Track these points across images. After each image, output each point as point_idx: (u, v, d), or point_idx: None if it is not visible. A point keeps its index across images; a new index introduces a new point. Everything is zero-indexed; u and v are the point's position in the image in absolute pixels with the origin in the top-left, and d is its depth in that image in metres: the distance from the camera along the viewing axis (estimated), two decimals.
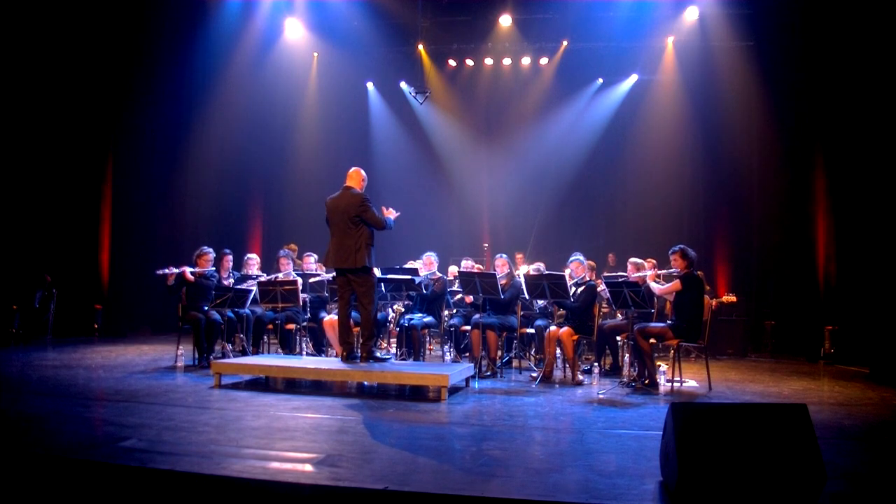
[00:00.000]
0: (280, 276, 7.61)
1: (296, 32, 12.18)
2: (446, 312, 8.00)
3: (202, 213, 11.59)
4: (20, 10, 9.33)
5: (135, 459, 3.33)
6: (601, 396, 5.79)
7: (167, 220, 11.15)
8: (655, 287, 6.43)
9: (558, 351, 6.89)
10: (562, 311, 7.17)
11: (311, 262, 8.11)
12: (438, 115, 13.00)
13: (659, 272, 6.72)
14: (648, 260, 7.92)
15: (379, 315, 7.54)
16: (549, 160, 12.39)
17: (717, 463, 2.93)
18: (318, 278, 7.67)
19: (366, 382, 6.05)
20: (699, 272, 6.46)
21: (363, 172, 6.35)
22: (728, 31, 11.03)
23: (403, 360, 7.02)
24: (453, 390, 5.70)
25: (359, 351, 6.15)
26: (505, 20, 11.82)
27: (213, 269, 7.40)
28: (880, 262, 8.23)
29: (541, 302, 7.19)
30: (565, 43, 11.96)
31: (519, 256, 10.62)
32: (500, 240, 12.09)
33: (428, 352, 8.36)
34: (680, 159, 11.87)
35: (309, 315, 7.70)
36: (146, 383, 5.83)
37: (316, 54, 12.68)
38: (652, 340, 6.19)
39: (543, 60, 12.33)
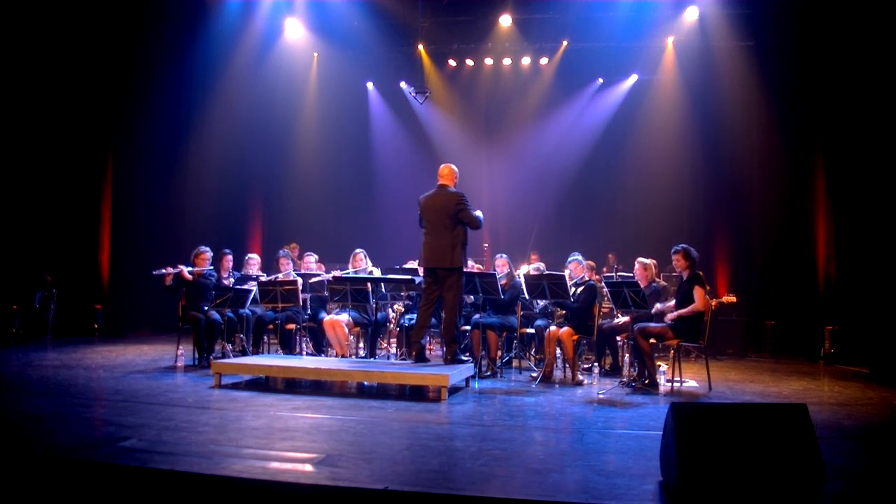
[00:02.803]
0: (280, 276, 7.61)
1: (296, 32, 12.17)
2: None
3: (202, 213, 11.56)
4: (21, 10, 9.33)
5: (135, 459, 3.33)
6: (601, 396, 5.79)
7: (167, 219, 11.14)
8: (679, 313, 6.16)
9: (558, 351, 6.89)
10: (562, 311, 7.17)
11: (312, 262, 8.10)
12: (438, 115, 12.99)
13: (668, 304, 6.56)
14: (651, 259, 7.90)
15: (379, 315, 7.56)
16: (549, 160, 12.39)
17: (717, 463, 2.93)
18: (318, 278, 7.66)
19: (366, 382, 6.05)
20: (699, 272, 6.45)
21: (455, 168, 6.26)
22: (728, 31, 11.03)
23: (403, 359, 7.01)
24: (453, 390, 5.70)
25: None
26: (505, 20, 11.81)
27: (211, 267, 7.41)
28: (880, 262, 8.22)
29: (541, 302, 7.19)
30: (565, 43, 11.96)
31: (534, 256, 10.56)
32: (500, 240, 12.08)
33: (428, 352, 8.35)
34: (680, 159, 11.86)
35: (309, 315, 7.69)
36: (146, 383, 5.83)
37: (316, 54, 12.68)
38: (652, 340, 6.18)
39: (543, 60, 12.32)
